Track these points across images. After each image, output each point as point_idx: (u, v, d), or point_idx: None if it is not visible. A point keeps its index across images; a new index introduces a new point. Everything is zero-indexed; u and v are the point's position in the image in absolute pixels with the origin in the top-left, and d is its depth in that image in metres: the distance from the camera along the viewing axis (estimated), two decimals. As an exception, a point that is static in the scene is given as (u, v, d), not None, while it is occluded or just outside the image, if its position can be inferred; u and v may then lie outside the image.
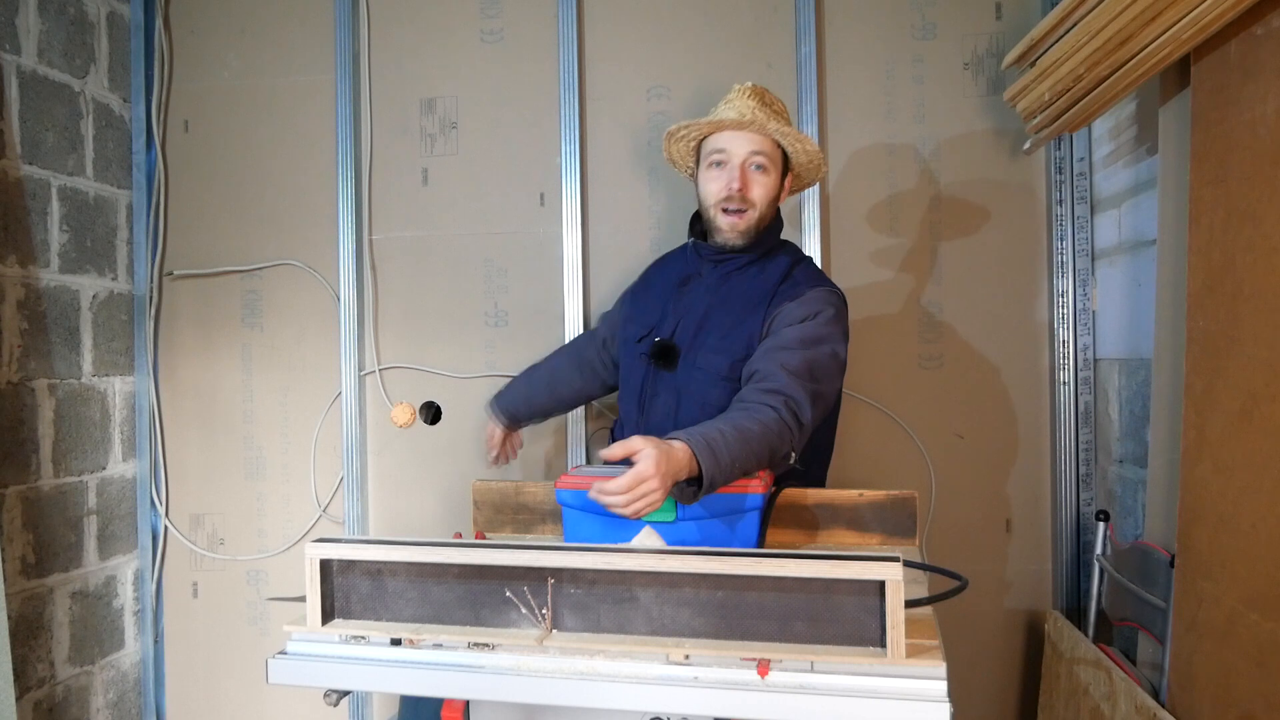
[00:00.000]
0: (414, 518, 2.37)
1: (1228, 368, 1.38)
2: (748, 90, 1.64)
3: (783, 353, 1.45)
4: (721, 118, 1.60)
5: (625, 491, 1.14)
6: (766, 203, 1.61)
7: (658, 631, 1.03)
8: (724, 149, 1.60)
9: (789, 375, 1.41)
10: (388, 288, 2.38)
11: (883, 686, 0.95)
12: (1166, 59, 1.49)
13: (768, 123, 1.57)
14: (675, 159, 1.79)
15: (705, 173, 1.64)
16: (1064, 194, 2.13)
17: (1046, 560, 2.18)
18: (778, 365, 1.43)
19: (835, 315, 1.54)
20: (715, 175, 1.61)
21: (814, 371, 1.44)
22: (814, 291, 1.55)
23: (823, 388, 1.45)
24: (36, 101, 2.13)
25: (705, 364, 1.57)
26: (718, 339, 1.58)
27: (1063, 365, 2.14)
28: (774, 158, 1.61)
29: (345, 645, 1.10)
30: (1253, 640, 1.29)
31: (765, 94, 1.65)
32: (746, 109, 1.59)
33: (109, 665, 2.35)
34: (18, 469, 2.06)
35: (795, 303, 1.53)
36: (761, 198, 1.60)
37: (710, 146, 1.64)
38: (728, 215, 1.59)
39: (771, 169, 1.61)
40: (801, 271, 1.63)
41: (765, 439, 1.33)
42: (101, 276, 2.34)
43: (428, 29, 2.37)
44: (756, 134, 1.59)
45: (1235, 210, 1.37)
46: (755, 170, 1.59)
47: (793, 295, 1.54)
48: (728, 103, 1.64)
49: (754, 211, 1.59)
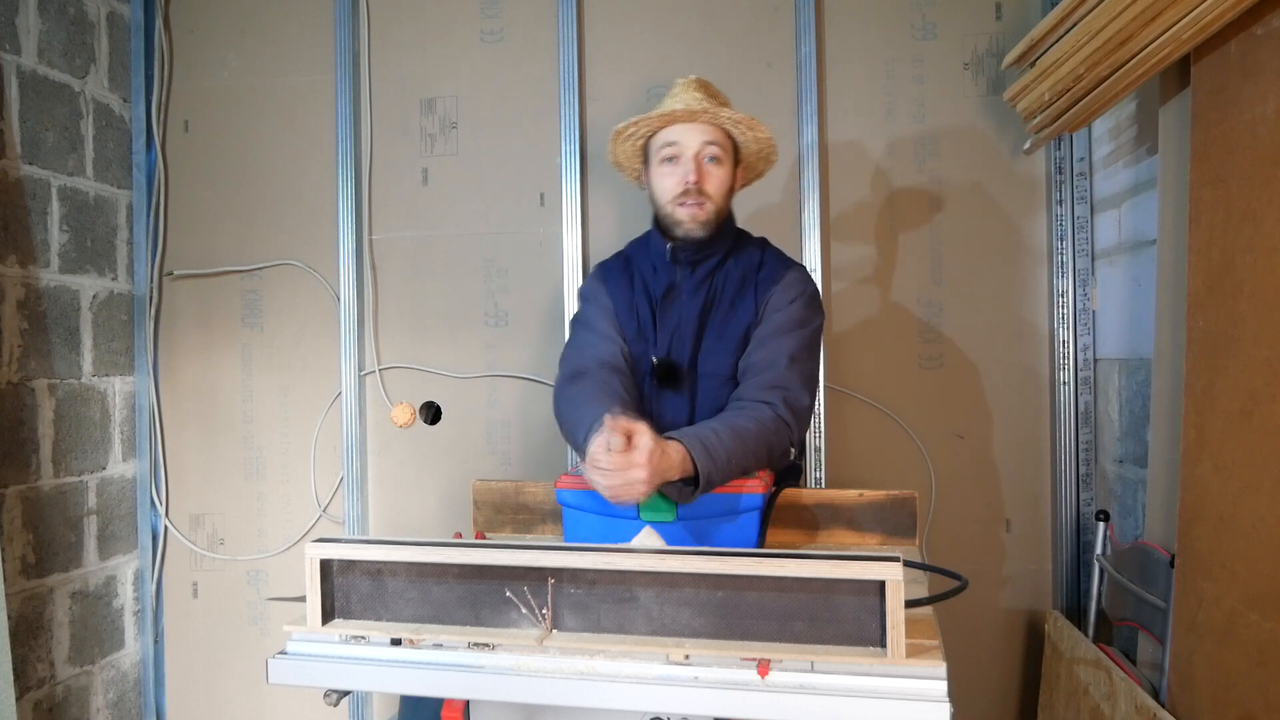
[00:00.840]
0: (414, 518, 2.37)
1: (1228, 368, 1.38)
2: (692, 83, 1.61)
3: (779, 339, 1.49)
4: (671, 109, 1.56)
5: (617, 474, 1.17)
6: (722, 195, 1.58)
7: (658, 631, 1.03)
8: (676, 141, 1.56)
9: (789, 361, 1.45)
10: (388, 288, 2.38)
11: (883, 686, 0.95)
12: (1166, 59, 1.49)
13: (719, 111, 1.55)
14: (621, 162, 1.72)
15: (658, 169, 1.59)
16: (1064, 194, 2.13)
17: (1046, 560, 2.18)
18: (774, 354, 1.47)
19: (811, 293, 1.58)
20: (669, 170, 1.57)
21: (808, 351, 1.51)
22: (791, 274, 1.58)
23: (812, 366, 1.53)
24: (36, 101, 2.13)
25: (711, 369, 1.57)
26: (715, 340, 1.57)
27: (1063, 365, 2.14)
28: (726, 148, 1.58)
29: (345, 645, 1.10)
30: (1253, 640, 1.29)
31: (709, 85, 1.62)
32: (694, 100, 1.56)
33: (109, 665, 2.35)
34: (18, 469, 2.06)
35: (779, 286, 1.55)
36: (717, 190, 1.56)
37: (660, 141, 1.59)
38: (686, 207, 1.55)
39: (725, 159, 1.58)
40: (771, 256, 1.63)
41: (762, 436, 1.34)
42: (101, 276, 2.34)
43: (428, 29, 2.37)
44: (708, 124, 1.56)
45: (1235, 210, 1.37)
46: (710, 162, 1.56)
47: (774, 279, 1.56)
48: (673, 96, 1.61)
49: (711, 204, 1.56)
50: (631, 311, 1.62)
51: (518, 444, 2.34)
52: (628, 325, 1.61)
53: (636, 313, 1.61)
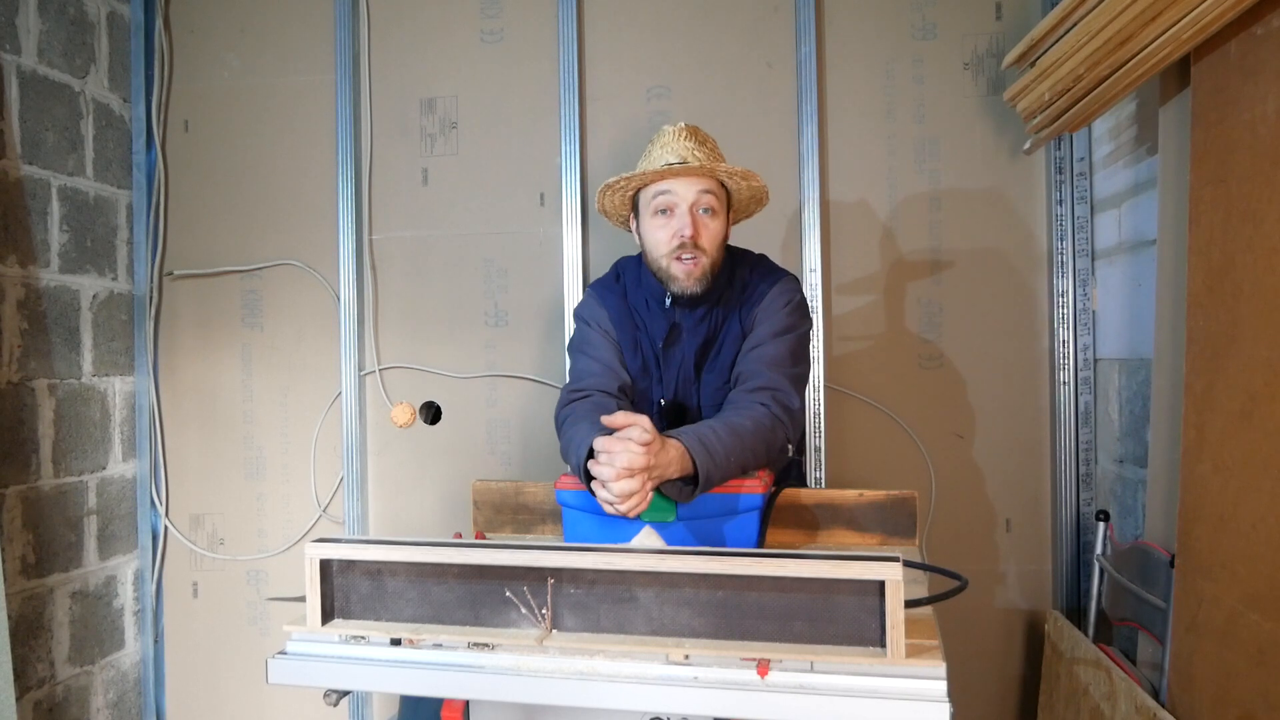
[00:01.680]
0: (414, 518, 2.37)
1: (1228, 368, 1.38)
2: (683, 131, 1.57)
3: (760, 349, 1.51)
4: (667, 164, 1.52)
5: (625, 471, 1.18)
6: (716, 247, 1.55)
7: (658, 631, 1.03)
8: (669, 191, 1.52)
9: (771, 369, 1.47)
10: (388, 288, 2.38)
11: (883, 686, 0.95)
12: (1166, 59, 1.49)
13: (716, 166, 1.52)
14: (608, 210, 1.67)
15: (650, 220, 1.55)
16: (1064, 194, 2.13)
17: (1046, 560, 2.18)
18: (760, 363, 1.49)
19: (797, 301, 1.58)
20: (663, 223, 1.52)
21: (793, 356, 1.52)
22: (776, 287, 1.58)
23: (801, 369, 1.54)
24: (37, 101, 2.13)
25: (715, 399, 1.58)
26: (711, 373, 1.59)
27: (1063, 365, 2.14)
28: (720, 197, 1.56)
29: (345, 645, 1.10)
30: (1252, 640, 1.29)
31: (698, 132, 1.59)
32: (686, 151, 1.53)
33: (109, 665, 2.35)
34: (18, 469, 2.06)
35: (762, 304, 1.56)
36: (711, 243, 1.53)
37: (653, 191, 1.54)
38: (681, 263, 1.51)
39: (719, 210, 1.55)
40: (754, 275, 1.61)
41: (759, 434, 1.35)
42: (101, 276, 2.34)
43: (428, 29, 2.37)
44: (704, 176, 1.53)
45: (1235, 210, 1.37)
46: (704, 214, 1.52)
47: (756, 300, 1.57)
48: (664, 146, 1.56)
49: (706, 258, 1.52)
50: (635, 349, 1.61)
51: (518, 444, 2.34)
52: (631, 360, 1.61)
53: (640, 350, 1.61)
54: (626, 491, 1.19)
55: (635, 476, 1.18)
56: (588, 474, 1.25)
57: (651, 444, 1.19)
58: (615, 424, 1.23)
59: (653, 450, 1.19)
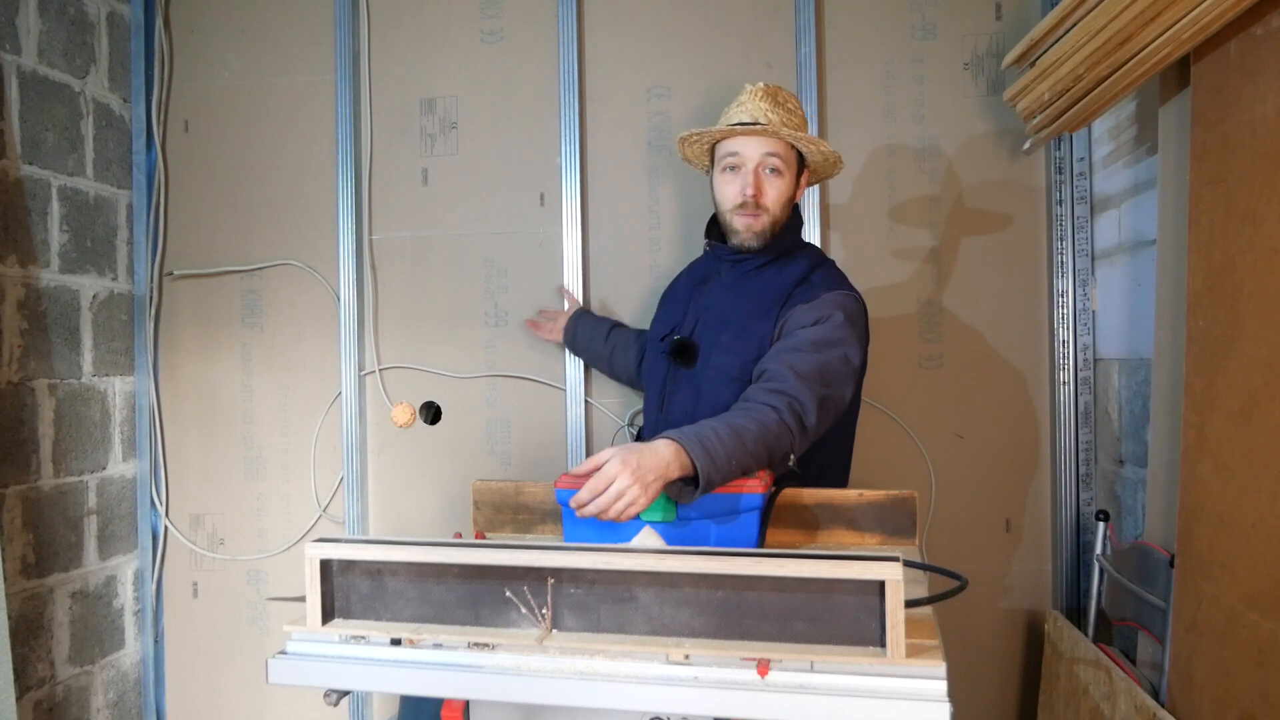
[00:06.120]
0: (414, 518, 2.37)
1: (1228, 368, 1.38)
2: (759, 91, 1.62)
3: (793, 354, 1.44)
4: (735, 123, 1.59)
5: (592, 493, 1.16)
6: (780, 205, 1.60)
7: (658, 631, 1.03)
8: (737, 152, 1.59)
9: (797, 377, 1.39)
10: (388, 288, 2.38)
11: (883, 686, 0.95)
12: (1166, 59, 1.49)
13: (781, 129, 1.56)
14: (690, 158, 1.79)
15: (720, 176, 1.64)
16: (1064, 194, 2.13)
17: (1046, 560, 2.18)
18: (786, 367, 1.41)
19: (848, 319, 1.51)
20: (729, 179, 1.61)
21: (824, 375, 1.42)
22: (829, 295, 1.54)
23: (832, 392, 1.43)
24: (36, 101, 2.13)
25: (718, 363, 1.58)
26: (730, 338, 1.58)
27: (1063, 365, 2.14)
28: (788, 159, 1.60)
29: (345, 645, 1.10)
30: (1252, 640, 1.29)
31: (779, 93, 1.63)
32: (759, 111, 1.58)
33: (109, 665, 2.35)
34: (18, 469, 2.06)
35: (808, 305, 1.52)
36: (775, 201, 1.59)
37: (724, 150, 1.63)
38: (743, 217, 1.59)
39: (786, 170, 1.60)
40: (820, 275, 1.61)
41: (763, 438, 1.32)
42: (101, 276, 2.34)
43: (428, 29, 2.37)
44: (771, 137, 1.58)
45: (1235, 210, 1.37)
46: (769, 174, 1.59)
47: (807, 298, 1.54)
48: (739, 105, 1.62)
49: (767, 215, 1.59)
50: (675, 289, 1.84)
51: (518, 444, 2.34)
52: (665, 304, 1.83)
53: (679, 291, 1.80)
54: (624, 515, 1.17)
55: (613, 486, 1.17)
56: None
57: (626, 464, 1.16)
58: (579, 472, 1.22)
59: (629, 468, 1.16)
